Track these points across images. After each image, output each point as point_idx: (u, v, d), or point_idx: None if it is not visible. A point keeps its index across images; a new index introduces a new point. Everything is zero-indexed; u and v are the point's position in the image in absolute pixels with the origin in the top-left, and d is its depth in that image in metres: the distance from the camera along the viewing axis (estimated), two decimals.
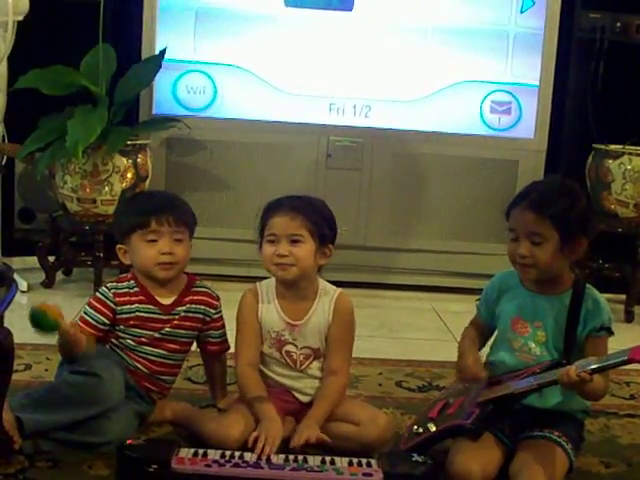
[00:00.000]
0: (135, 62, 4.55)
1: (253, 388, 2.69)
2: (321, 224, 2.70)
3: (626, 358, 2.25)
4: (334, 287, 2.80)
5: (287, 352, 2.74)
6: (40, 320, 2.50)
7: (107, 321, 2.73)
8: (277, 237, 2.67)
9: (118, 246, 2.80)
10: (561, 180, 2.66)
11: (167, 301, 2.78)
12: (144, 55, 4.64)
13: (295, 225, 2.66)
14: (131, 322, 2.75)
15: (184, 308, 2.79)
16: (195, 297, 2.82)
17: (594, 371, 2.31)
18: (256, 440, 2.51)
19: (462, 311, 4.30)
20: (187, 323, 2.80)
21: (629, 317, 4.55)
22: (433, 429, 2.60)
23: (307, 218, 2.67)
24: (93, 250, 4.40)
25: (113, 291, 2.75)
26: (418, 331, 4.21)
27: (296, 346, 2.74)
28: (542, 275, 2.56)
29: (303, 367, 2.75)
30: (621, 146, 4.66)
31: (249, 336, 2.75)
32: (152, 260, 2.72)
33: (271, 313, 2.75)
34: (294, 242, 2.66)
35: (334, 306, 2.74)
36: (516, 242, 2.54)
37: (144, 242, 2.72)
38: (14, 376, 2.50)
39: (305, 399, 2.75)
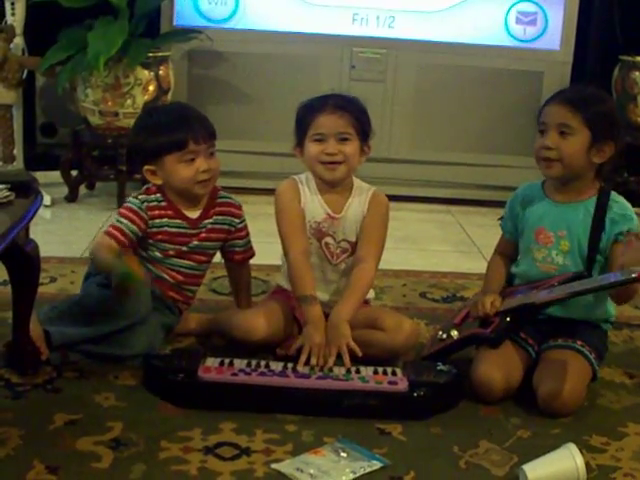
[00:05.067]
0: None
1: (306, 283, 2.67)
2: (364, 121, 2.74)
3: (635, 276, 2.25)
4: (368, 185, 2.83)
5: (326, 244, 2.77)
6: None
7: (140, 233, 2.71)
8: (325, 136, 2.68)
9: (146, 167, 2.72)
10: (594, 86, 2.65)
11: (194, 215, 2.77)
12: None
13: (343, 123, 2.69)
14: (159, 237, 2.74)
15: (211, 221, 2.78)
16: (220, 208, 2.81)
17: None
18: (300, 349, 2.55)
19: (486, 224, 4.31)
20: (214, 235, 2.80)
21: None
22: (455, 336, 2.62)
23: (353, 116, 2.71)
24: (116, 164, 4.39)
25: (145, 204, 2.72)
26: (442, 243, 4.21)
27: (334, 239, 2.77)
28: (565, 173, 2.54)
29: (338, 261, 2.78)
30: None
31: (297, 223, 2.74)
32: (192, 180, 2.68)
33: (314, 203, 2.76)
34: (342, 140, 2.68)
35: (370, 199, 2.77)
36: (544, 137, 2.54)
37: (181, 163, 2.68)
38: (40, 289, 2.53)
39: (328, 311, 2.74)
